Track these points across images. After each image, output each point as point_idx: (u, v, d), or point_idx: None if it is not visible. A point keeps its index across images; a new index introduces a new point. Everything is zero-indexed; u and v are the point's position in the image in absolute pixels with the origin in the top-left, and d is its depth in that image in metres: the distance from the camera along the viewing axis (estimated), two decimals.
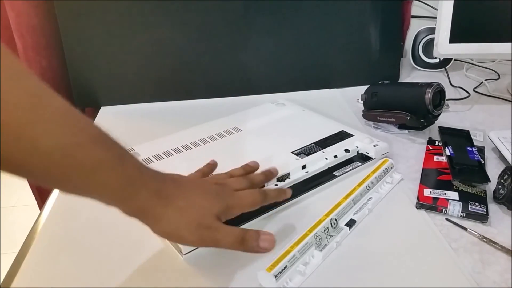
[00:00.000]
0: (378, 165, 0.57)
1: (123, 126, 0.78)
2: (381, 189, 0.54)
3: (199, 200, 0.40)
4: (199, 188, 0.43)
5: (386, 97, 0.71)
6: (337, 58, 0.89)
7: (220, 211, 0.41)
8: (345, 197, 0.50)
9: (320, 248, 0.44)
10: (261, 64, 0.87)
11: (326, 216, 0.47)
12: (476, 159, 0.58)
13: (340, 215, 0.48)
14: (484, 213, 0.48)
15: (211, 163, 0.53)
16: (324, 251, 0.44)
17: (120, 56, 0.83)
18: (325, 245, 0.44)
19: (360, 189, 0.52)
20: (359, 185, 0.53)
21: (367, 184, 0.53)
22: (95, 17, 0.79)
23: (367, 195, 0.52)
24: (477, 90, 0.88)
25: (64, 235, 0.49)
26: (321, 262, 0.43)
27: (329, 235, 0.45)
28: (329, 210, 0.48)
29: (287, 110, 0.76)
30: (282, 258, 0.40)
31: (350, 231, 0.47)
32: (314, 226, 0.45)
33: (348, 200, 0.50)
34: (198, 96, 0.88)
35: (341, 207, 0.48)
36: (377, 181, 0.54)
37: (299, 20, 0.85)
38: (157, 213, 0.38)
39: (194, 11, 0.81)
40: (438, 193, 0.52)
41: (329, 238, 0.45)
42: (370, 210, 0.50)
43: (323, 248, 0.44)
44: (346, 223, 0.48)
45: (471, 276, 0.41)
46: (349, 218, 0.49)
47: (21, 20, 0.81)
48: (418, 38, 1.00)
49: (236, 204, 0.43)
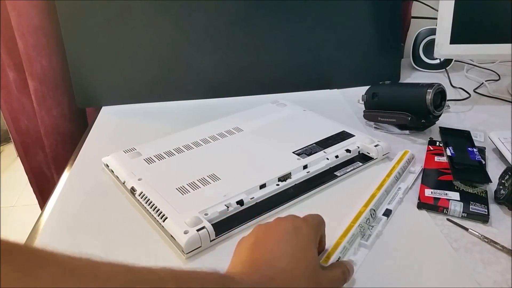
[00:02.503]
0: (400, 156, 0.60)
1: (125, 126, 0.78)
2: (406, 179, 0.57)
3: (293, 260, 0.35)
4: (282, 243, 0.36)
5: (387, 97, 0.71)
6: (338, 59, 0.90)
7: (313, 245, 0.37)
8: (378, 188, 0.53)
9: (365, 238, 0.46)
10: (262, 64, 0.87)
11: (365, 207, 0.49)
12: (477, 160, 0.58)
13: (377, 205, 0.50)
14: (485, 213, 0.49)
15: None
16: (369, 242, 0.45)
17: (121, 56, 0.83)
18: (369, 235, 0.46)
19: (390, 180, 0.54)
20: (388, 175, 0.55)
21: (395, 174, 0.56)
22: (96, 17, 0.79)
23: (396, 185, 0.55)
24: (477, 91, 0.88)
25: (65, 235, 0.49)
26: (368, 252, 0.44)
27: (370, 225, 0.47)
28: (366, 201, 0.50)
29: (288, 110, 0.76)
30: (334, 250, 0.42)
31: (388, 220, 0.49)
32: (357, 217, 0.47)
33: (382, 191, 0.52)
34: (198, 96, 0.88)
35: (377, 198, 0.51)
36: (402, 172, 0.58)
37: (300, 21, 0.85)
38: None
39: (195, 11, 0.81)
40: (439, 193, 0.52)
41: (371, 228, 0.47)
42: (401, 199, 0.53)
43: (368, 238, 0.46)
44: (383, 213, 0.50)
45: (472, 276, 0.41)
46: (385, 208, 0.51)
47: (23, 20, 0.81)
48: (419, 38, 1.01)
49: (316, 224, 0.40)
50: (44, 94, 0.87)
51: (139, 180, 0.55)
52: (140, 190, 0.53)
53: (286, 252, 0.35)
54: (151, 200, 0.50)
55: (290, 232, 0.37)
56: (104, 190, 0.57)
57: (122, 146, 0.63)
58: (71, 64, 0.82)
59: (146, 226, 0.50)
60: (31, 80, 0.86)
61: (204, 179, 0.54)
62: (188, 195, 0.51)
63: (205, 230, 0.45)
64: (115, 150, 0.62)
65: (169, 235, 0.46)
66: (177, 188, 0.52)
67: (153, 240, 0.47)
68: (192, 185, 0.53)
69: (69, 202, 0.55)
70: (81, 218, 0.52)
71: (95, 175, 0.61)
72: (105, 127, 0.78)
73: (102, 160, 0.62)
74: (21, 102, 0.92)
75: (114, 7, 0.79)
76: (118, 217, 0.52)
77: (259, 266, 0.34)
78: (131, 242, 0.47)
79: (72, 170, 0.64)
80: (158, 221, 0.48)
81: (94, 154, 0.65)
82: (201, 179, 0.54)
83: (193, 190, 0.52)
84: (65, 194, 0.57)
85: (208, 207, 0.49)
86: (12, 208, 1.86)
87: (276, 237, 0.37)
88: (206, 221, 0.46)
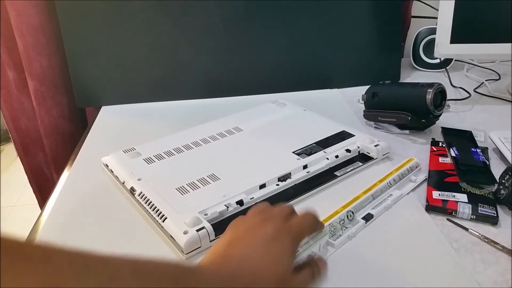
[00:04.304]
0: (402, 163, 0.58)
1: (124, 126, 0.78)
2: (403, 187, 0.55)
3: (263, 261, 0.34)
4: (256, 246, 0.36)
5: (387, 97, 0.71)
6: (338, 58, 0.89)
7: (290, 257, 0.36)
8: (364, 191, 0.52)
9: (334, 238, 0.45)
10: (262, 64, 0.87)
11: (343, 208, 0.48)
12: (481, 160, 0.58)
13: (357, 208, 0.49)
14: (494, 215, 0.48)
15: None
16: (337, 242, 0.45)
17: (121, 55, 0.83)
18: (339, 235, 0.46)
19: (381, 185, 0.53)
20: (380, 181, 0.54)
21: (389, 181, 0.54)
22: (95, 16, 0.79)
23: (388, 191, 0.53)
24: (477, 90, 0.88)
25: (64, 235, 0.49)
26: (333, 252, 0.44)
27: (344, 226, 0.47)
28: (347, 202, 0.49)
29: (288, 110, 0.76)
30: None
31: (366, 225, 0.48)
32: (330, 217, 0.46)
33: (367, 195, 0.51)
34: (198, 96, 0.88)
35: (360, 201, 0.50)
36: (399, 179, 0.55)
37: (300, 20, 0.85)
38: None
39: (195, 11, 0.81)
40: (446, 195, 0.52)
41: (344, 230, 0.46)
42: (388, 206, 0.51)
43: (337, 238, 0.45)
44: (363, 217, 0.49)
45: (472, 276, 0.41)
46: (367, 212, 0.50)
47: (22, 19, 0.81)
48: (419, 38, 1.00)
49: (300, 232, 0.38)
50: (43, 94, 0.87)
51: (139, 180, 0.55)
52: (140, 190, 0.52)
53: (261, 254, 0.34)
54: (150, 200, 0.50)
55: (271, 237, 0.35)
56: (103, 190, 0.57)
57: (122, 146, 0.63)
58: (71, 64, 0.82)
59: (145, 226, 0.50)
60: (31, 80, 0.86)
61: (204, 179, 0.54)
62: (188, 195, 0.51)
63: (205, 230, 0.45)
64: (114, 150, 0.62)
65: (168, 235, 0.46)
66: (176, 188, 0.52)
67: (152, 240, 0.47)
68: (191, 185, 0.53)
69: (69, 202, 0.55)
70: (81, 218, 0.52)
71: (94, 175, 0.61)
72: (105, 127, 0.78)
73: (102, 160, 0.62)
74: (21, 102, 0.92)
75: (114, 7, 0.79)
76: (117, 217, 0.52)
77: (229, 262, 0.34)
78: (130, 242, 0.47)
79: (71, 170, 0.64)
80: (158, 221, 0.48)
81: (94, 154, 0.65)
82: (200, 179, 0.54)
83: (192, 190, 0.52)
84: (64, 194, 0.57)
85: (208, 207, 0.48)
86: (12, 207, 1.86)
87: (255, 237, 0.36)
88: (205, 221, 0.46)
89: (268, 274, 0.33)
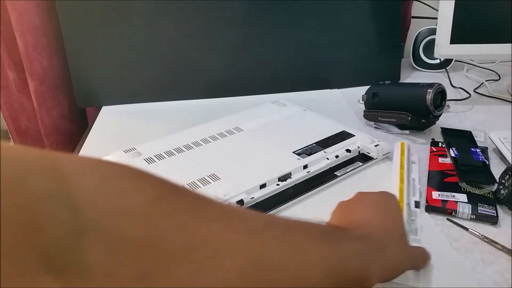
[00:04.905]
0: (400, 149, 0.60)
1: (125, 126, 0.78)
2: (414, 170, 0.58)
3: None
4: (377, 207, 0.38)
5: (387, 97, 0.71)
6: (338, 59, 0.90)
7: (401, 215, 0.39)
8: (401, 181, 0.54)
9: (412, 233, 0.47)
10: (262, 64, 0.87)
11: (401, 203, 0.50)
12: (480, 160, 0.58)
13: (408, 198, 0.51)
14: (494, 215, 0.49)
15: None
16: (418, 236, 0.47)
17: (122, 55, 0.83)
18: (415, 229, 0.47)
19: (406, 172, 0.55)
20: (401, 168, 0.56)
21: (407, 166, 0.57)
22: (96, 17, 0.79)
23: (410, 176, 0.56)
24: (477, 90, 0.88)
25: None
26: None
27: (411, 219, 0.49)
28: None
29: (288, 110, 0.76)
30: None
31: (421, 211, 0.50)
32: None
33: (405, 184, 0.54)
34: (198, 96, 0.88)
35: (406, 191, 0.52)
36: (409, 162, 0.58)
37: (300, 20, 0.85)
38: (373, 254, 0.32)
39: (195, 11, 0.81)
40: (446, 195, 0.52)
41: (412, 222, 0.49)
42: (420, 189, 0.54)
43: (416, 233, 0.47)
44: (415, 206, 0.51)
45: (472, 276, 0.41)
46: (413, 200, 0.52)
47: (23, 20, 0.81)
48: (419, 38, 1.01)
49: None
50: (44, 94, 0.87)
51: None
52: None
53: (378, 214, 0.37)
54: None
55: (379, 200, 0.39)
56: None
57: (122, 146, 0.63)
58: (71, 64, 0.82)
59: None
60: (31, 80, 0.86)
61: (204, 179, 0.54)
62: None
63: None
64: (115, 150, 0.62)
65: None
66: None
67: None
68: (192, 185, 0.53)
69: None
70: None
71: None
72: (105, 127, 0.78)
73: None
74: (21, 102, 0.92)
75: (114, 7, 0.79)
76: None
77: (356, 226, 0.35)
78: None
79: None
80: None
81: (94, 154, 0.64)
82: (201, 179, 0.54)
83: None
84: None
85: None
86: None
87: (365, 203, 0.39)
88: None
89: (391, 230, 0.35)
